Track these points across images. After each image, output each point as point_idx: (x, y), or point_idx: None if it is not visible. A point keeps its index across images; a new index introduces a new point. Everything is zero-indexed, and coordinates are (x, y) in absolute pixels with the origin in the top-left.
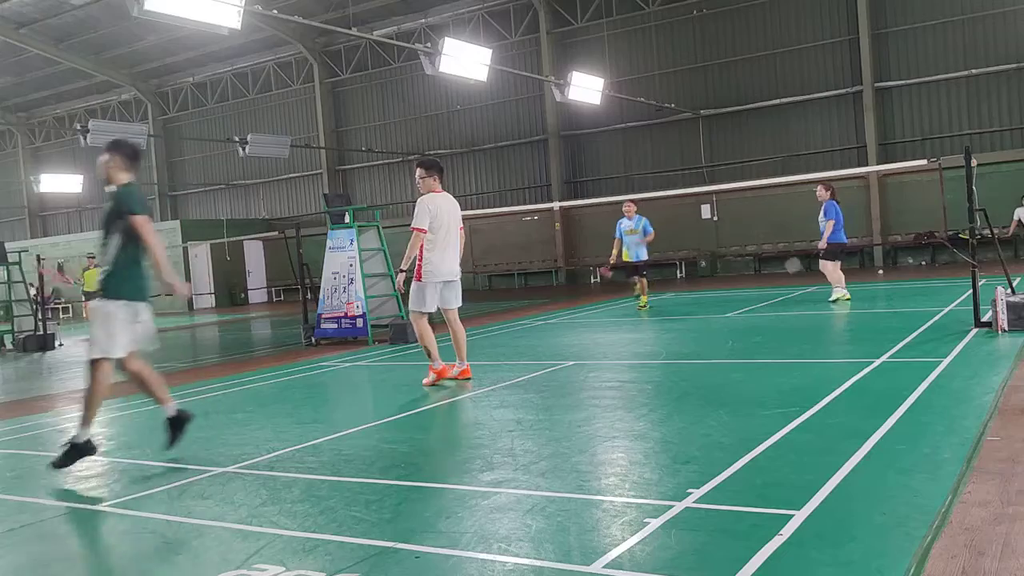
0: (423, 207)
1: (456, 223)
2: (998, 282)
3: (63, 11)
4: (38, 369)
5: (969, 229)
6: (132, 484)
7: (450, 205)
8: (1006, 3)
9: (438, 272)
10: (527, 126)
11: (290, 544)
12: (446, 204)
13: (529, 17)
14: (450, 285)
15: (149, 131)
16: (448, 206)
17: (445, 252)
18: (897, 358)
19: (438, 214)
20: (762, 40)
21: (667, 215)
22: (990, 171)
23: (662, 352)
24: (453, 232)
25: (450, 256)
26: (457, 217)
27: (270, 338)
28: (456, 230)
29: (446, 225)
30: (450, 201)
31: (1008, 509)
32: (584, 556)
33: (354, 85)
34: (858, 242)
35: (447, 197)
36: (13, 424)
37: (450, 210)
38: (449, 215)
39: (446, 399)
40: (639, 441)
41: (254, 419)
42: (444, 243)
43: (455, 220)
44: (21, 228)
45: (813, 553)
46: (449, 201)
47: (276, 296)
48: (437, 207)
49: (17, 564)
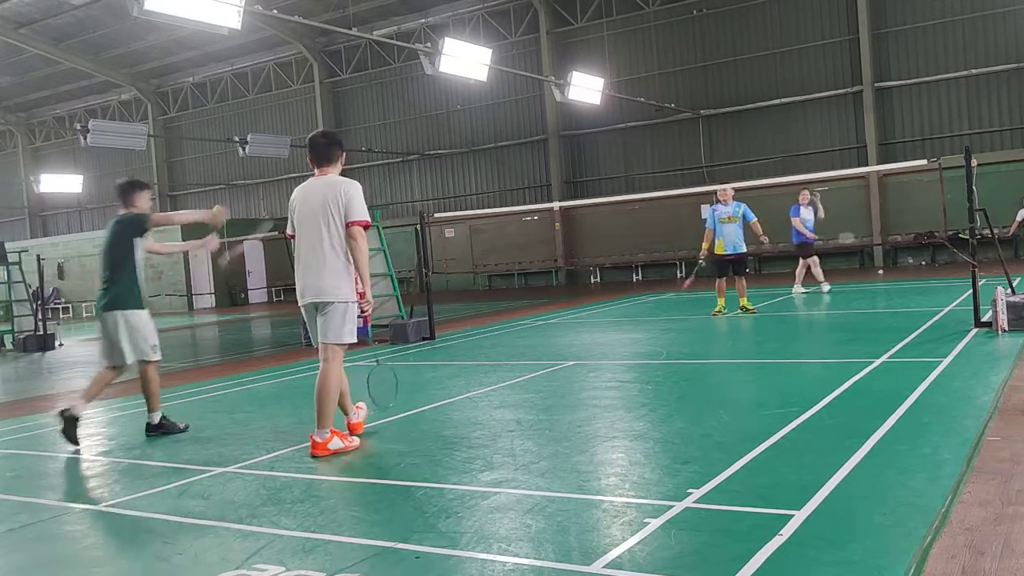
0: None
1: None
2: (998, 282)
3: (63, 11)
4: (38, 369)
5: (969, 229)
6: (132, 484)
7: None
8: (1006, 3)
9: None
10: (527, 126)
11: (290, 544)
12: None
13: (529, 17)
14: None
15: (149, 131)
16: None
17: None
18: (897, 358)
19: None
20: (762, 40)
21: (667, 215)
22: (990, 171)
23: (662, 352)
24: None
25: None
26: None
27: (270, 338)
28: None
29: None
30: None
31: (1008, 509)
32: (584, 556)
33: (354, 85)
34: (858, 242)
35: (313, 181)
36: (13, 424)
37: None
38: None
39: (446, 399)
40: (639, 441)
41: (254, 419)
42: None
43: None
44: (21, 228)
45: (813, 553)
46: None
47: (276, 296)
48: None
49: (17, 564)
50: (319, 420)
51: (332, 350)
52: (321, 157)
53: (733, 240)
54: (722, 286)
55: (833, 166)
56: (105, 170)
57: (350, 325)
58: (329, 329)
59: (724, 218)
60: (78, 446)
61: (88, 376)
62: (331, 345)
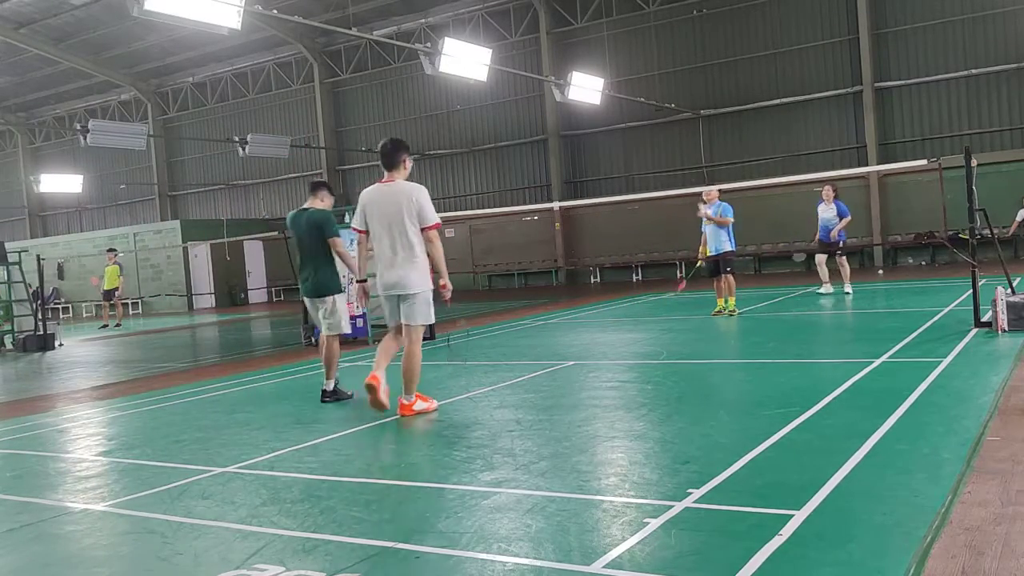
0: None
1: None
2: (998, 282)
3: (63, 11)
4: (38, 369)
5: (969, 229)
6: (132, 484)
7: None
8: (1006, 3)
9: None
10: (527, 126)
11: (290, 544)
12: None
13: (529, 17)
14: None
15: (149, 131)
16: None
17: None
18: (897, 358)
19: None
20: (762, 40)
21: (667, 215)
22: (990, 171)
23: (662, 352)
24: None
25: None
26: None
27: (270, 338)
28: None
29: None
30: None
31: (1008, 509)
32: (584, 556)
33: (354, 85)
34: (858, 242)
35: (383, 186)
36: (13, 424)
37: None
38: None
39: (445, 400)
40: (639, 441)
41: (254, 419)
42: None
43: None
44: (21, 228)
45: (813, 553)
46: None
47: (276, 296)
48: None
49: (17, 564)
50: (406, 388)
51: (415, 331)
52: (389, 162)
53: (714, 241)
54: (720, 287)
55: (833, 166)
56: (105, 170)
57: (430, 311)
58: (416, 315)
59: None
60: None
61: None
62: (414, 328)
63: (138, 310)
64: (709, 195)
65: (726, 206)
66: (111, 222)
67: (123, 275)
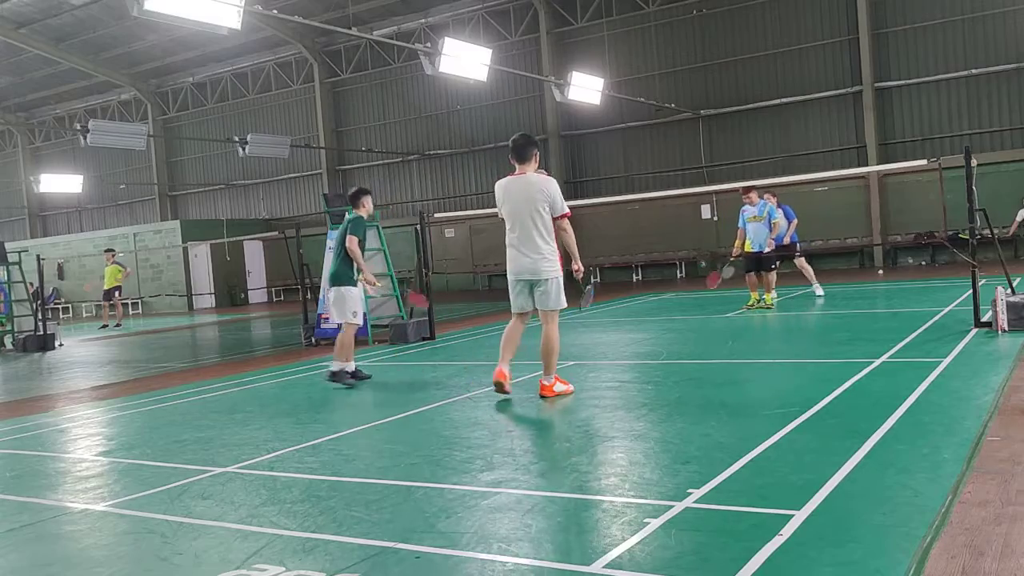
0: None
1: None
2: (998, 282)
3: (63, 11)
4: (38, 369)
5: (969, 229)
6: (132, 484)
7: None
8: (1006, 3)
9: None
10: (527, 126)
11: (290, 544)
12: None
13: (529, 17)
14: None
15: (149, 131)
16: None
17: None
18: (897, 358)
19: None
20: (762, 40)
21: (667, 215)
22: (990, 171)
23: (662, 352)
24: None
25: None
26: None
27: (270, 338)
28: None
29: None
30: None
31: (1008, 509)
32: (584, 556)
33: (354, 85)
34: (858, 242)
35: (516, 179)
36: (13, 424)
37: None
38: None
39: (445, 400)
40: (639, 441)
41: (254, 419)
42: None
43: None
44: (21, 228)
45: (813, 553)
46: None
47: (276, 296)
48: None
49: (17, 564)
50: (546, 369)
51: (552, 315)
52: (520, 156)
53: (758, 238)
54: (753, 281)
55: (833, 166)
56: (105, 170)
57: (562, 295)
58: (549, 300)
59: (750, 217)
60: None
61: (88, 376)
62: (550, 312)
63: (138, 310)
64: (750, 197)
65: (772, 208)
66: (111, 222)
67: (127, 271)
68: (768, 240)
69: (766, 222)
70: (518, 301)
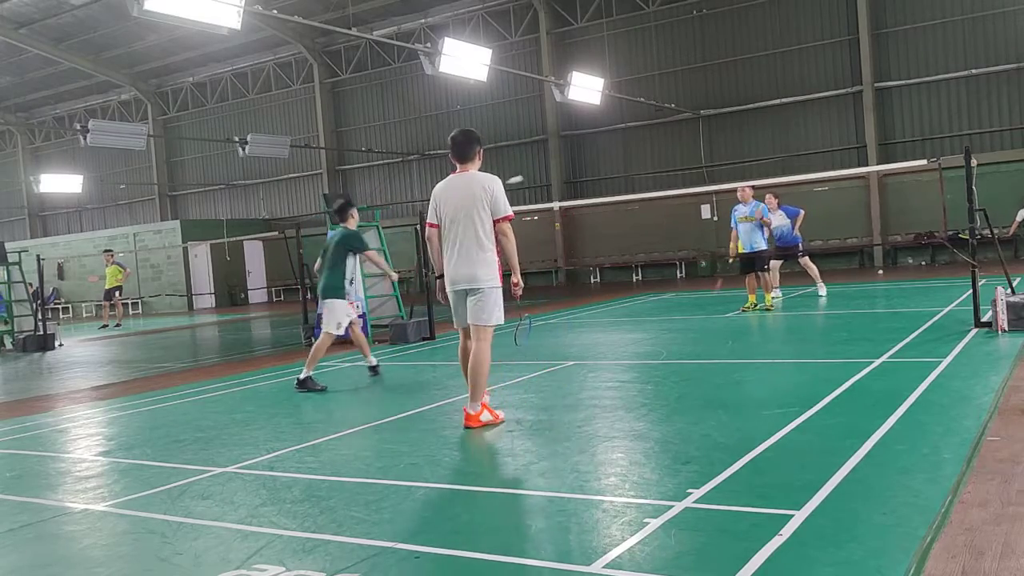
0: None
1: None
2: (998, 282)
3: (63, 11)
4: (38, 369)
5: (969, 229)
6: (132, 484)
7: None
8: (1006, 3)
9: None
10: (527, 126)
11: (290, 544)
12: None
13: (529, 17)
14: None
15: (149, 131)
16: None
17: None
18: (897, 358)
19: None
20: (762, 40)
21: (667, 215)
22: (990, 171)
23: (662, 352)
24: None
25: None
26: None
27: (270, 338)
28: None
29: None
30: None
31: (1008, 509)
32: (584, 556)
33: (354, 85)
34: (858, 242)
35: (458, 176)
36: (13, 424)
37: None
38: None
39: (445, 400)
40: (639, 441)
41: (254, 419)
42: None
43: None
44: (21, 228)
45: (813, 553)
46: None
47: (276, 296)
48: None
49: (17, 564)
50: (472, 394)
51: (484, 331)
52: (462, 154)
53: (748, 239)
54: (752, 283)
55: (833, 166)
56: (105, 170)
57: (499, 309)
58: (482, 312)
59: (741, 217)
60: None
61: (88, 376)
62: (483, 327)
63: (138, 310)
64: (743, 194)
65: (764, 206)
66: (111, 222)
67: (127, 270)
68: (762, 240)
69: (758, 222)
70: (460, 313)
